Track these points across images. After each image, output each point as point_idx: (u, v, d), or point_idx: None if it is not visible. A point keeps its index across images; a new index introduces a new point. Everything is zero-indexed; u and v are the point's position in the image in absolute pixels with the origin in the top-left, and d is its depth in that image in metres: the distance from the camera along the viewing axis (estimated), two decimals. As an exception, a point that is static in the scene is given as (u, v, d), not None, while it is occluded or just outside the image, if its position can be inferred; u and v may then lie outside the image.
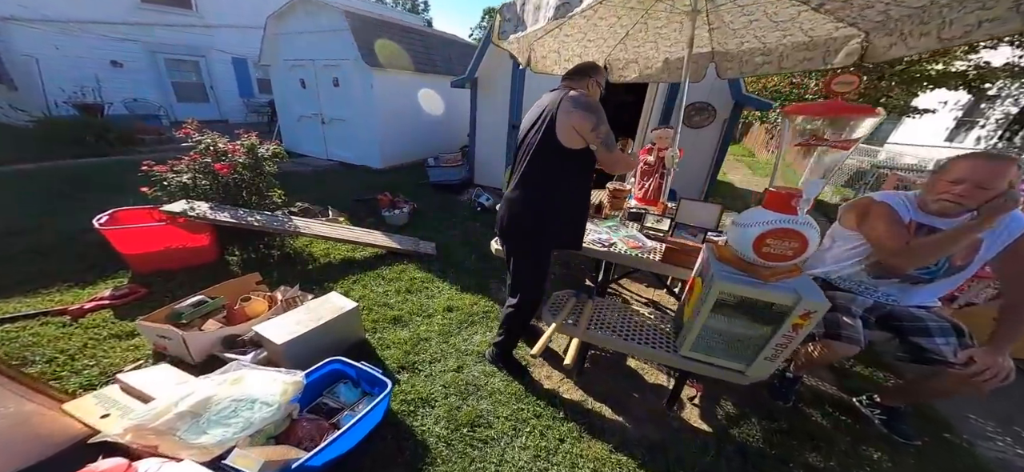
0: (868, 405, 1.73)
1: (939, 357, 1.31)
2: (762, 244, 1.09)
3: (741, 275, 1.18)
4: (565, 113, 1.31)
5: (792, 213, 1.04)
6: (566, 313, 1.68)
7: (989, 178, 1.13)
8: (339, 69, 5.78)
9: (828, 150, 1.03)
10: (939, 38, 1.22)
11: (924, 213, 1.32)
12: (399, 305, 2.40)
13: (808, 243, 1.05)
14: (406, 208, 3.95)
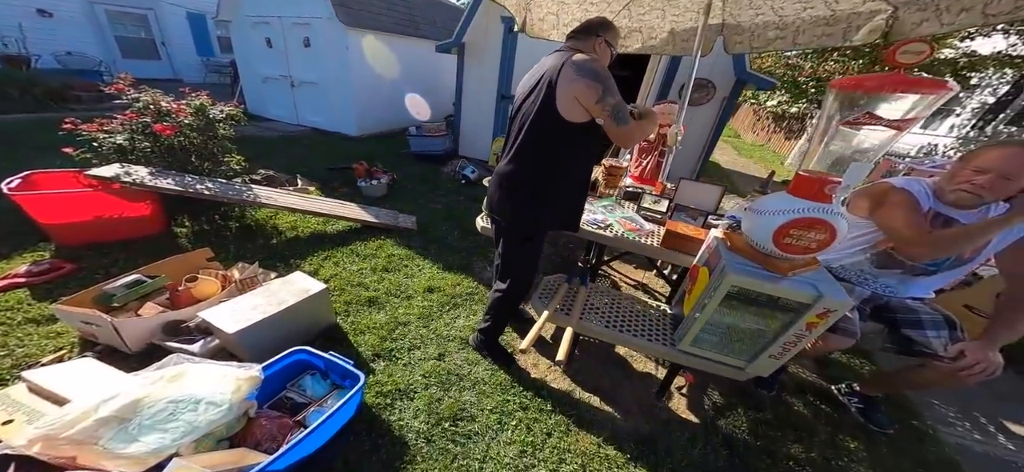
0: (846, 394, 1.75)
1: (928, 350, 1.31)
2: (784, 235, 0.98)
3: (755, 267, 1.08)
4: (567, 81, 1.14)
5: (826, 201, 0.93)
6: (557, 301, 1.57)
7: (1017, 169, 1.07)
8: (310, 28, 5.30)
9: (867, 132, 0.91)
10: (984, 13, 1.08)
11: (942, 203, 1.27)
12: (375, 285, 2.22)
13: (837, 235, 0.95)
14: (384, 179, 3.71)
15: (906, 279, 1.38)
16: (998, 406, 1.94)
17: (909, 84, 0.76)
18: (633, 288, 2.61)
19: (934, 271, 1.32)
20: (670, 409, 1.64)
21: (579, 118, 1.18)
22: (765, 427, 1.59)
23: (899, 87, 0.76)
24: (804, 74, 8.01)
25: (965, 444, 1.71)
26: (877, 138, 0.81)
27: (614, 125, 1.17)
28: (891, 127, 0.79)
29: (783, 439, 1.53)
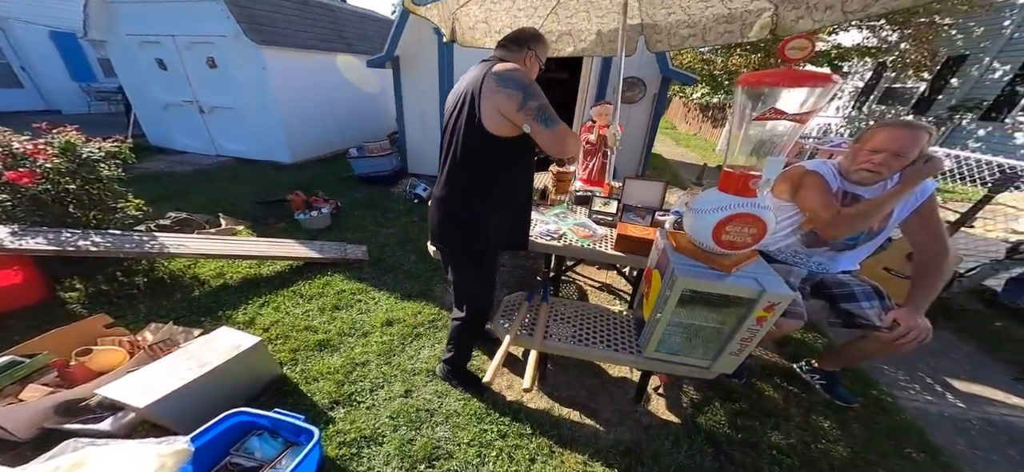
0: (808, 371, 1.81)
1: (867, 322, 1.38)
2: (722, 232, 1.01)
3: (701, 267, 1.11)
4: (488, 93, 1.08)
5: (751, 195, 0.98)
6: (519, 322, 1.52)
7: (905, 145, 1.20)
8: (214, 47, 4.80)
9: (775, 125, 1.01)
10: (843, 11, 1.30)
11: (848, 181, 1.39)
12: (325, 326, 2.06)
13: (767, 228, 1.00)
14: (327, 208, 3.48)
15: (834, 255, 1.49)
16: (937, 363, 2.07)
17: (800, 78, 0.86)
18: (598, 289, 2.67)
19: (854, 245, 1.43)
20: (650, 412, 1.64)
21: (508, 132, 1.13)
22: (742, 418, 1.61)
23: (792, 81, 0.86)
24: (717, 68, 8.96)
25: (921, 407, 1.78)
26: (783, 129, 0.91)
27: (541, 128, 1.09)
28: (794, 120, 0.90)
29: (761, 428, 1.56)
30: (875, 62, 8.81)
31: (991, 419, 1.70)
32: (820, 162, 1.46)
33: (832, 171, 1.42)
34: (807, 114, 0.88)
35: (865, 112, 9.58)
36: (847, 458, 1.45)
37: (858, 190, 1.37)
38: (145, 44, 5.09)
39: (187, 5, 4.56)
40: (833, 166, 1.44)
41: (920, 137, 1.20)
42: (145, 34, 4.99)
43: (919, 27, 6.96)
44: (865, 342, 1.46)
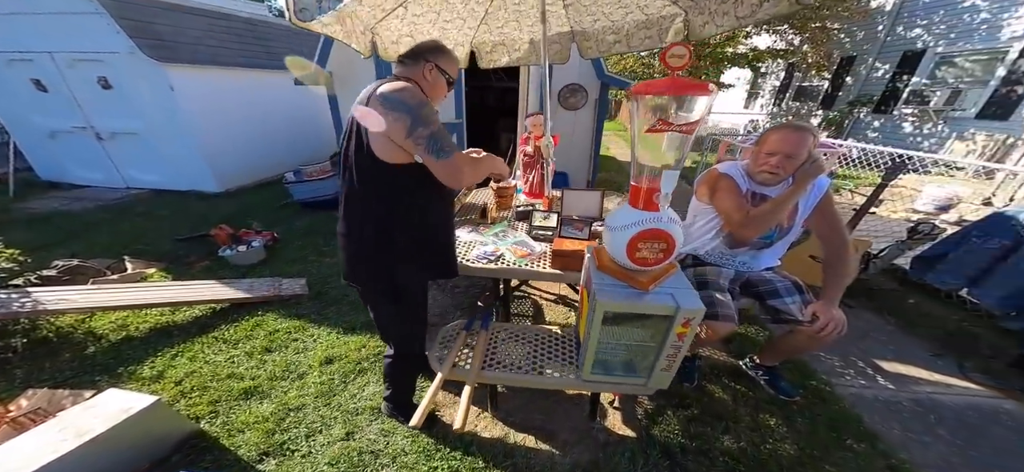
0: (751, 367, 1.85)
1: (791, 317, 1.43)
2: (635, 249, 1.00)
3: (621, 286, 1.08)
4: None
5: (656, 209, 0.98)
6: (454, 355, 1.42)
7: (795, 147, 1.29)
8: (105, 65, 4.27)
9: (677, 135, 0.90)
10: (735, 17, 1.39)
11: (755, 182, 1.46)
12: (254, 372, 1.88)
13: (675, 243, 1.00)
14: (259, 241, 3.19)
15: (755, 253, 1.55)
16: (865, 345, 2.18)
17: (682, 87, 0.89)
18: (554, 302, 2.63)
19: (771, 242, 1.49)
20: (606, 428, 1.61)
21: (403, 158, 1.03)
22: (695, 424, 1.61)
23: (676, 90, 0.89)
24: (656, 71, 9.52)
25: (855, 393, 1.84)
26: (674, 142, 0.95)
27: (433, 159, 1.01)
28: (682, 131, 0.92)
29: (713, 433, 1.57)
30: (786, 63, 9.84)
31: (919, 399, 1.81)
32: (731, 165, 1.53)
33: (741, 173, 1.49)
34: (693, 125, 0.92)
35: (783, 108, 10.64)
36: (794, 456, 1.47)
37: (764, 190, 1.45)
38: (13, 62, 4.44)
39: (63, 18, 3.99)
40: (741, 169, 1.50)
41: (805, 139, 1.29)
42: (12, 50, 4.35)
43: (814, 31, 7.82)
44: (794, 336, 1.51)
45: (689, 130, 0.94)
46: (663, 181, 0.98)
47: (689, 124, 0.93)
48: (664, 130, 0.94)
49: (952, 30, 7.02)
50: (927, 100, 7.44)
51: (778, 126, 1.36)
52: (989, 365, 2.00)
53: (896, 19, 7.83)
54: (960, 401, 1.79)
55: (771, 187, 1.43)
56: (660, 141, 0.98)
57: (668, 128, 0.94)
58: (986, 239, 2.35)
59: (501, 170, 1.34)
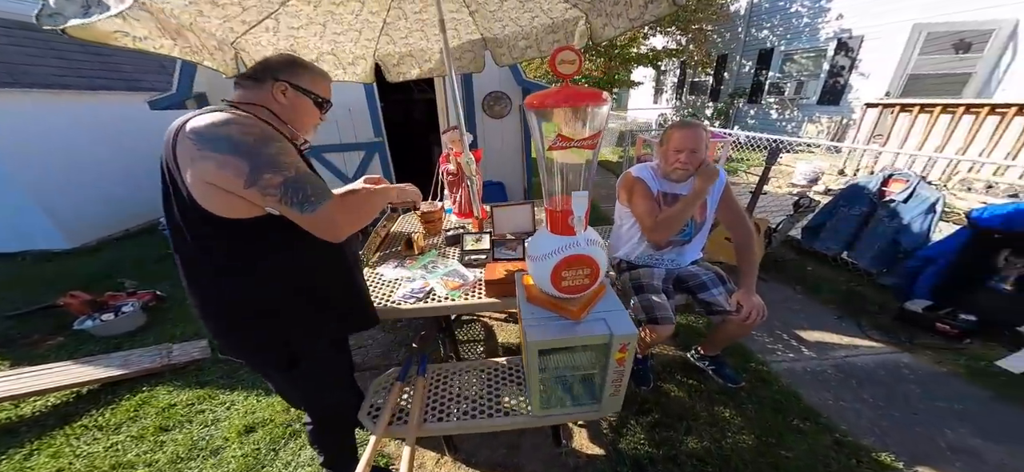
0: (698, 359, 1.86)
1: (721, 308, 1.48)
2: (559, 278, 0.92)
3: (553, 318, 1.00)
4: (187, 161, 0.71)
5: (572, 233, 0.91)
6: (390, 409, 1.18)
7: (695, 142, 1.35)
8: None
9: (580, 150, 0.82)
10: (628, 18, 1.37)
11: (668, 182, 1.49)
12: (149, 457, 1.57)
13: (599, 266, 0.93)
14: (132, 304, 2.56)
15: (679, 249, 1.58)
16: (784, 317, 2.28)
17: (576, 96, 0.79)
18: (504, 321, 2.41)
19: (689, 238, 1.54)
20: (574, 450, 1.53)
21: (247, 211, 0.77)
22: (659, 430, 1.57)
23: (569, 99, 0.78)
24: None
25: (787, 367, 1.90)
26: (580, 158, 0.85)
27: (297, 213, 0.75)
28: (582, 146, 0.82)
29: (677, 436, 1.54)
30: (679, 61, 11.06)
31: (838, 364, 1.93)
32: (643, 167, 1.54)
33: (652, 175, 1.51)
34: (592, 138, 0.82)
35: (683, 101, 11.93)
36: (753, 447, 1.47)
37: (676, 189, 1.49)
38: None
39: None
40: (652, 169, 1.53)
41: (700, 132, 1.37)
42: None
43: (695, 32, 8.83)
44: (726, 326, 1.56)
45: (591, 144, 0.83)
46: (573, 204, 0.88)
47: (589, 138, 0.82)
48: (564, 146, 0.82)
49: (788, 32, 8.36)
50: (782, 90, 8.78)
51: (675, 125, 1.42)
52: (879, 321, 2.23)
53: (749, 22, 9.11)
54: (869, 361, 1.94)
55: (682, 184, 1.47)
56: (566, 158, 0.86)
57: (567, 144, 0.81)
58: (850, 207, 2.69)
59: (408, 198, 1.18)
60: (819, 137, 7.39)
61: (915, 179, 2.47)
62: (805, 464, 1.38)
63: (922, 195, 2.41)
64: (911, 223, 2.39)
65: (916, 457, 1.40)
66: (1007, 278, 1.99)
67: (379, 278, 1.53)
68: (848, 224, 2.71)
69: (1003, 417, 1.54)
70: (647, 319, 1.46)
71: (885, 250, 2.48)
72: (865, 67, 7.00)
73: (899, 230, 2.43)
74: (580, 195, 0.87)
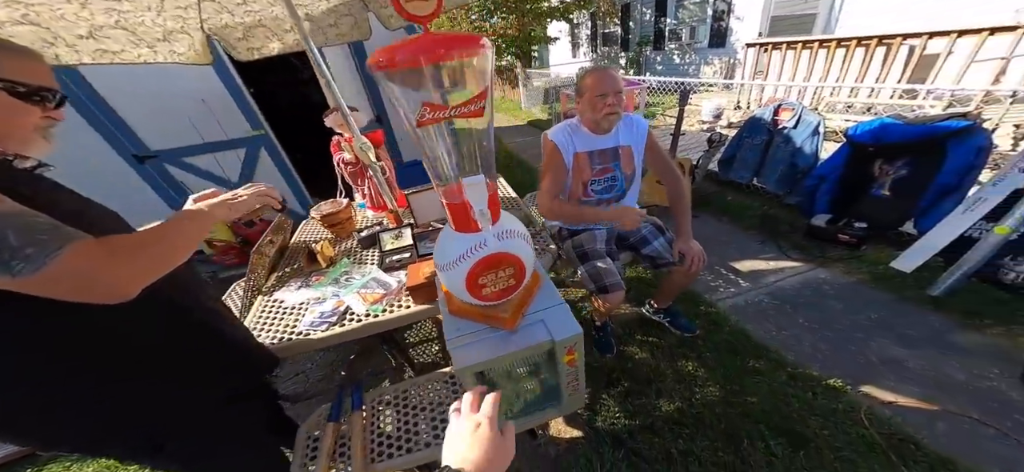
0: (652, 312, 1.82)
1: (664, 260, 1.46)
2: (478, 286, 0.73)
3: (483, 331, 0.81)
4: None
5: (477, 230, 0.70)
6: (327, 455, 0.93)
7: (614, 82, 1.29)
8: None
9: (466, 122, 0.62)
10: None
11: (593, 134, 1.38)
12: None
13: (523, 261, 0.74)
14: None
15: (616, 207, 1.47)
16: (719, 251, 2.31)
17: (439, 45, 0.51)
18: None
19: (623, 194, 1.49)
20: (552, 439, 1.43)
21: None
22: (631, 398, 1.50)
23: (428, 52, 0.50)
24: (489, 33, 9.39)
25: (732, 304, 1.91)
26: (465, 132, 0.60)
27: (8, 278, 0.48)
28: (463, 115, 0.57)
29: (650, 403, 1.47)
30: (589, 12, 11.02)
31: (772, 291, 1.99)
32: (561, 128, 1.42)
33: (569, 135, 1.40)
34: (478, 100, 0.55)
35: (599, 53, 12.06)
36: (721, 398, 1.44)
37: (603, 142, 1.40)
38: None
39: None
40: (572, 128, 1.42)
41: (615, 72, 1.31)
42: None
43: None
44: (672, 276, 1.54)
45: (475, 110, 0.57)
46: (468, 193, 0.64)
47: (471, 102, 0.56)
48: (435, 119, 0.56)
49: None
50: (680, 36, 9.22)
51: (587, 72, 1.34)
52: (793, 240, 2.38)
53: (643, -31, 9.28)
54: (795, 282, 2.04)
55: (608, 135, 1.40)
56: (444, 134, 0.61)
57: (441, 114, 0.56)
58: (752, 137, 2.85)
59: (251, 205, 0.89)
60: (715, 77, 7.94)
61: (799, 106, 2.65)
62: (770, 406, 1.38)
63: (807, 120, 2.59)
64: (802, 146, 2.57)
65: (856, 376, 1.47)
66: (884, 185, 2.20)
67: (278, 307, 1.24)
68: (753, 153, 2.86)
69: (910, 318, 1.69)
70: (596, 289, 1.39)
71: (786, 173, 2.66)
72: (739, 11, 7.65)
73: (794, 153, 2.61)
74: (474, 182, 0.63)
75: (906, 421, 1.27)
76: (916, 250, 1.85)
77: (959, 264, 1.70)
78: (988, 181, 1.69)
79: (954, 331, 1.60)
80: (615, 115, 1.31)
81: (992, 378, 1.38)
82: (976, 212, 1.67)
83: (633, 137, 1.42)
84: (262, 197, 0.94)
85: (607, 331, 1.72)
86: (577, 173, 1.41)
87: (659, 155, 1.47)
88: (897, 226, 2.18)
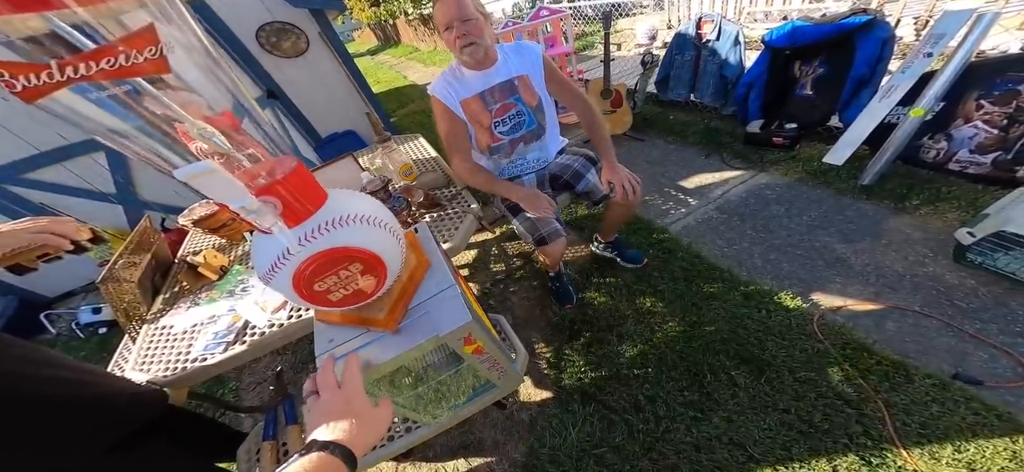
0: (601, 248, 1.70)
1: (600, 192, 1.30)
2: (314, 291, 0.50)
3: (361, 335, 0.61)
4: None
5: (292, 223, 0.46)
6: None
7: (459, 9, 1.06)
8: None
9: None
10: None
11: (472, 73, 1.18)
12: None
13: (378, 255, 0.51)
14: None
15: (541, 144, 1.32)
16: (665, 171, 2.22)
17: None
18: None
19: (541, 129, 1.30)
20: (523, 403, 1.31)
21: None
22: (595, 349, 1.38)
23: None
24: None
25: (682, 225, 1.82)
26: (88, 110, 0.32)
27: None
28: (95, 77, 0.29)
29: (613, 350, 1.36)
30: None
31: (719, 205, 1.90)
32: (441, 79, 1.21)
33: (451, 85, 1.20)
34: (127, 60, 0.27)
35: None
36: (681, 331, 1.34)
37: (489, 79, 1.19)
38: None
39: None
40: (453, 75, 1.21)
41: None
42: None
43: None
44: (612, 209, 1.39)
45: (121, 72, 0.32)
46: (204, 191, 0.39)
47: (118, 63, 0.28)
48: (48, 89, 0.29)
49: None
50: None
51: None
52: (734, 149, 2.28)
53: None
54: (740, 191, 1.95)
55: (488, 70, 1.18)
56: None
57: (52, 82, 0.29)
58: (682, 54, 2.68)
59: (37, 241, 0.71)
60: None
61: (718, 18, 2.51)
62: (728, 331, 1.29)
63: (727, 31, 2.46)
64: (727, 57, 2.45)
65: (806, 284, 1.41)
66: (805, 85, 2.14)
67: (166, 334, 1.04)
68: (685, 70, 2.72)
69: (847, 213, 1.65)
70: (534, 242, 1.25)
71: (718, 85, 2.56)
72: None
73: (721, 65, 2.49)
74: (198, 171, 0.38)
75: (857, 325, 1.23)
76: (844, 143, 1.82)
77: (883, 150, 1.68)
78: (897, 69, 1.64)
79: (888, 217, 1.57)
80: (473, 46, 1.09)
81: (927, 263, 1.36)
82: (891, 99, 1.64)
83: (527, 65, 1.21)
84: (41, 234, 0.71)
85: (563, 280, 1.56)
86: (475, 120, 1.21)
87: (560, 82, 1.28)
88: (824, 122, 2.15)
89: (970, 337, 1.11)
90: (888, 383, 1.06)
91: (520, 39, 2.79)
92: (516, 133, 1.25)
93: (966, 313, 1.17)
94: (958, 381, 1.02)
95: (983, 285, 1.23)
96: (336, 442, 0.41)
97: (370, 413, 0.46)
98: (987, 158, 1.53)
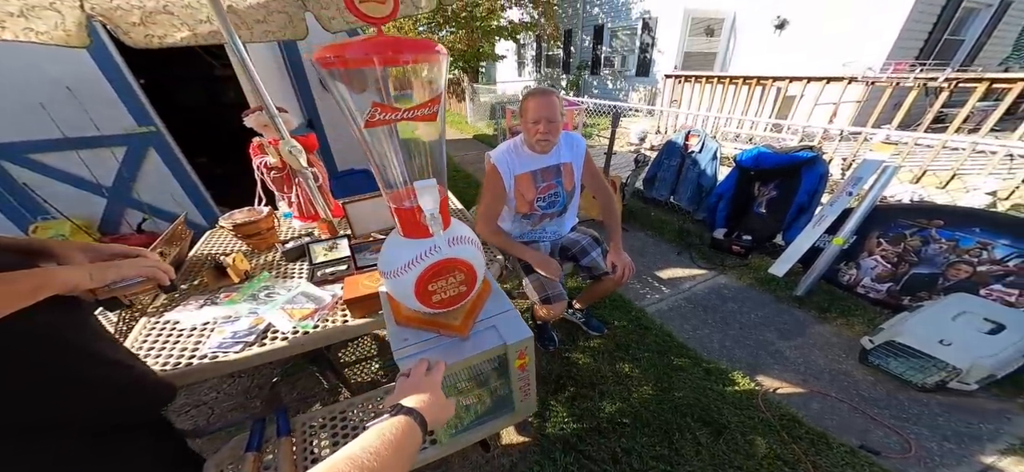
0: (572, 314, 1.95)
1: (599, 270, 1.55)
2: (428, 292, 0.74)
3: (433, 339, 0.82)
4: None
5: (427, 235, 0.71)
6: None
7: (550, 110, 1.31)
8: None
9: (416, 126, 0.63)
10: None
11: (531, 154, 1.44)
12: None
13: (475, 268, 0.76)
14: None
15: (558, 220, 1.60)
16: (644, 262, 2.59)
17: (399, 48, 0.54)
18: None
19: (564, 209, 1.57)
20: (504, 449, 1.44)
21: None
22: (578, 403, 1.57)
23: (381, 53, 0.53)
24: None
25: (656, 308, 2.13)
26: (420, 136, 0.64)
27: None
28: (416, 118, 0.60)
29: (594, 405, 1.55)
30: (534, 35, 11.54)
31: (688, 296, 2.26)
32: (506, 148, 1.46)
33: (511, 156, 1.44)
34: (429, 105, 0.59)
35: (542, 74, 12.62)
36: (653, 395, 1.58)
37: (543, 162, 1.45)
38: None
39: None
40: (515, 147, 1.46)
41: (553, 99, 1.33)
42: None
43: (544, 6, 9.24)
44: (602, 284, 1.64)
45: (428, 115, 0.61)
46: (421, 197, 0.66)
47: (424, 105, 0.59)
48: (386, 120, 0.58)
49: (612, 10, 9.55)
50: (612, 63, 10.09)
51: (529, 94, 1.36)
52: (702, 251, 2.74)
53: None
54: (704, 288, 2.35)
55: (548, 155, 1.45)
56: (394, 137, 0.64)
57: (392, 116, 0.58)
58: (669, 160, 3.22)
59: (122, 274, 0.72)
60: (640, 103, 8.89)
61: (703, 133, 3.08)
62: (693, 398, 1.57)
63: (709, 146, 3.02)
64: (706, 168, 2.98)
65: (754, 368, 1.74)
66: (761, 203, 2.64)
67: (170, 329, 1.10)
68: (670, 173, 3.24)
69: (784, 317, 2.05)
70: (540, 300, 1.45)
71: (694, 192, 3.06)
72: (661, 45, 8.62)
73: (700, 174, 3.01)
74: (426, 185, 0.65)
75: (790, 403, 1.55)
76: (784, 259, 2.27)
77: (811, 270, 2.12)
78: (827, 202, 2.12)
79: (813, 323, 1.99)
80: (547, 142, 1.36)
81: (841, 361, 1.74)
82: (821, 227, 2.09)
83: (573, 154, 1.50)
84: (147, 269, 0.75)
85: (547, 327, 1.83)
86: (521, 192, 1.45)
87: (594, 172, 1.58)
88: (772, 238, 2.62)
89: (871, 419, 1.47)
90: (814, 449, 1.37)
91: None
92: (549, 209, 1.51)
93: (868, 400, 1.55)
94: (863, 451, 1.36)
95: (880, 381, 1.62)
96: (417, 409, 0.52)
97: (443, 400, 0.60)
98: (883, 286, 2.00)
